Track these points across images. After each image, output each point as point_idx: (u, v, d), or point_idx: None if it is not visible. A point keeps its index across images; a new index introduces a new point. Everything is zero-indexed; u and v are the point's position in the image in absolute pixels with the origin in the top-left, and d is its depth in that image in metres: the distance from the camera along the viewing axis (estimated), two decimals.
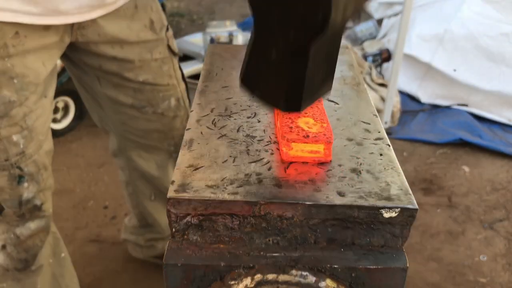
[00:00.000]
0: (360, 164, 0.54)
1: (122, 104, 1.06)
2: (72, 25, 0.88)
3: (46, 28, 0.83)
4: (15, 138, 0.84)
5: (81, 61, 1.00)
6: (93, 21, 0.90)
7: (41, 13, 0.80)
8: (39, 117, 0.87)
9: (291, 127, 0.55)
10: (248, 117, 0.63)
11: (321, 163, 0.54)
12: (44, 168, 0.91)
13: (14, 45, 0.80)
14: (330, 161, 0.54)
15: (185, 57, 2.52)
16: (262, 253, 0.49)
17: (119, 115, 1.10)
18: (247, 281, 0.47)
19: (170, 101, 1.08)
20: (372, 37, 2.84)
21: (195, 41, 2.64)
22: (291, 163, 0.54)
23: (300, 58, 0.45)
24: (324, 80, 0.50)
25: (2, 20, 0.77)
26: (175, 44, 1.08)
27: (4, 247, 0.91)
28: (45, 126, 0.90)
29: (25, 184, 0.87)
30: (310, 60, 0.45)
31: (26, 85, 0.83)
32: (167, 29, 1.05)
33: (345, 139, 0.59)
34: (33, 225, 0.92)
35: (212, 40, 2.53)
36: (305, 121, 0.57)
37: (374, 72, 2.43)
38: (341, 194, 0.49)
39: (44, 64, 0.85)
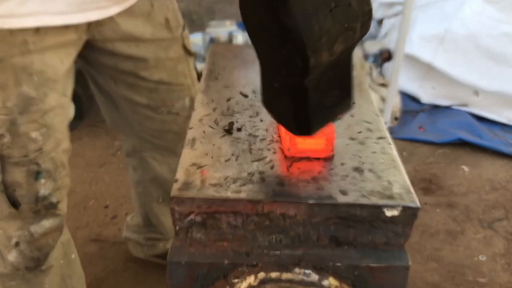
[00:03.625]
0: (363, 163, 0.54)
1: (137, 104, 1.07)
2: (89, 23, 0.88)
3: (66, 26, 0.84)
4: (33, 135, 0.85)
5: (97, 60, 1.00)
6: (110, 18, 0.90)
7: (61, 12, 0.80)
8: (57, 115, 0.88)
9: None
10: (251, 116, 0.63)
11: (324, 160, 0.54)
12: (62, 166, 0.92)
13: (34, 42, 0.80)
14: (333, 155, 0.54)
15: None
16: (265, 251, 0.49)
17: (134, 114, 1.10)
18: (251, 279, 0.47)
19: (185, 101, 1.09)
20: (373, 37, 2.85)
21: (195, 41, 2.64)
22: (294, 161, 0.54)
23: (297, 91, 0.47)
24: (337, 104, 0.51)
25: (26, 27, 0.78)
26: (191, 44, 1.09)
27: (17, 244, 0.92)
28: (63, 124, 0.91)
29: (42, 181, 0.88)
30: (310, 92, 0.46)
31: (45, 81, 0.84)
32: (183, 29, 1.06)
33: (347, 138, 0.59)
34: (47, 223, 0.93)
35: (212, 40, 2.54)
36: None
37: (374, 72, 2.43)
38: (343, 192, 0.49)
39: (62, 61, 0.86)
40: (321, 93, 0.48)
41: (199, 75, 1.11)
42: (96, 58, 1.00)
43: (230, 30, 2.60)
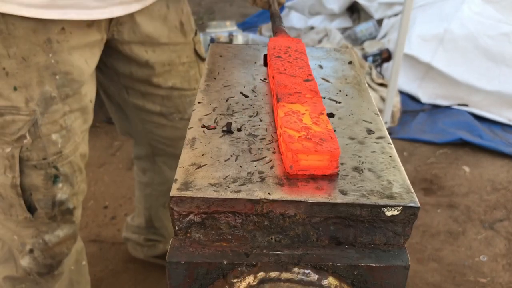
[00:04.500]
0: (362, 162, 0.54)
1: (150, 112, 1.06)
2: (110, 21, 0.88)
3: (90, 25, 0.84)
4: (54, 137, 0.84)
5: (113, 68, 1.00)
6: (130, 17, 0.90)
7: (87, 7, 0.79)
8: (77, 118, 0.87)
9: (294, 137, 0.52)
10: (250, 116, 0.63)
11: (329, 176, 0.51)
12: (79, 170, 0.91)
13: (59, 41, 0.80)
14: (338, 172, 0.51)
15: None
16: (264, 251, 0.49)
17: (145, 124, 1.10)
18: (250, 279, 0.47)
19: None
20: (372, 37, 2.85)
21: None
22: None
23: None
24: None
25: (50, 18, 0.77)
26: (202, 49, 1.09)
27: (31, 251, 0.91)
28: (82, 128, 0.90)
29: (60, 185, 0.87)
30: None
31: (68, 82, 0.83)
32: (195, 34, 1.07)
33: (347, 138, 0.59)
34: (61, 233, 0.92)
35: (212, 40, 2.54)
36: (307, 126, 0.54)
37: (374, 72, 2.43)
38: (343, 192, 0.49)
39: (87, 62, 0.86)
40: None
41: None
42: (112, 65, 0.99)
43: (230, 30, 2.60)
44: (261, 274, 0.47)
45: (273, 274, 0.46)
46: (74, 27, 0.81)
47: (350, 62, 0.80)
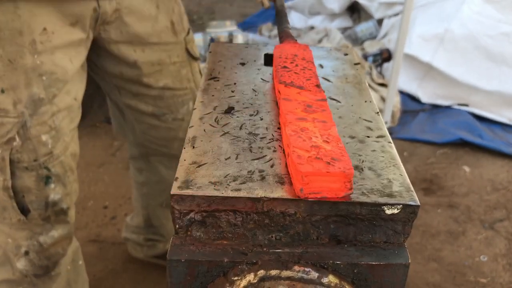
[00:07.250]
0: (362, 161, 0.54)
1: (142, 113, 1.07)
2: (96, 20, 0.88)
3: (73, 24, 0.84)
4: (44, 138, 0.84)
5: (103, 68, 1.00)
6: (118, 17, 0.91)
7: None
8: (65, 117, 0.87)
9: (303, 157, 0.49)
10: (251, 115, 0.63)
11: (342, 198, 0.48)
12: (70, 170, 0.91)
13: (42, 41, 0.80)
14: (351, 194, 0.48)
15: None
16: (265, 249, 0.49)
17: (140, 124, 1.11)
18: (250, 277, 0.47)
19: (189, 105, 1.09)
20: (373, 37, 2.85)
21: (195, 41, 2.65)
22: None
23: None
24: None
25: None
26: (195, 48, 1.09)
27: (27, 253, 0.91)
28: (70, 127, 0.90)
29: (52, 185, 0.87)
30: None
31: (53, 82, 0.83)
32: (188, 33, 1.06)
33: (347, 136, 0.59)
34: (56, 233, 0.92)
35: (212, 40, 2.54)
36: (317, 144, 0.50)
37: (374, 72, 2.43)
38: None
39: (72, 61, 0.86)
40: None
41: None
42: (102, 65, 1.00)
43: (230, 30, 2.61)
44: (261, 272, 0.47)
45: (273, 272, 0.47)
46: (57, 27, 0.82)
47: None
